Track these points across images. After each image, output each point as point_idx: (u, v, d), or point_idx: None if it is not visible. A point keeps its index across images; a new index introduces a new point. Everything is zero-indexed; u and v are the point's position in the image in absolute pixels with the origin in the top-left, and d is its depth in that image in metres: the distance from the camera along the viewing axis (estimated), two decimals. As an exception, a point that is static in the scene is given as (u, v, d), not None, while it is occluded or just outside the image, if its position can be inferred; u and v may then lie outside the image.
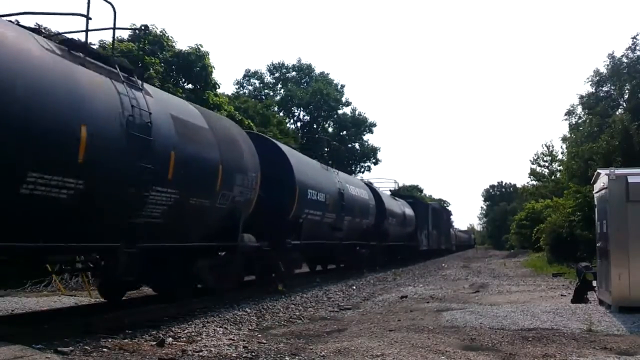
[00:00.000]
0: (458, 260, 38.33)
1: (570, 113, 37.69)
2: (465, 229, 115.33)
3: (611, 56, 33.17)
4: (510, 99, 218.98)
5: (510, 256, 44.54)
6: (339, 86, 54.20)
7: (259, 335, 7.44)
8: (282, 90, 53.25)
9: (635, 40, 32.32)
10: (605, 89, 34.41)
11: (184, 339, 6.99)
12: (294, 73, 55.10)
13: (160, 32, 24.91)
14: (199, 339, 7.04)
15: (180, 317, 8.59)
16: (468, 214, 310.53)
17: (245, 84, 53.42)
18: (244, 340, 6.95)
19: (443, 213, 47.57)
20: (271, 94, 53.07)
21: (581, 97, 35.44)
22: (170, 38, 25.29)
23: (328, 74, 54.70)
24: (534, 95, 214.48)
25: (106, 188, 7.16)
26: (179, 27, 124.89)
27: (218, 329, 7.78)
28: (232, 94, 42.78)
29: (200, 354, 6.11)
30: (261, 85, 54.14)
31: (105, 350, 6.15)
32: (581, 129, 33.85)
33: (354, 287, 14.97)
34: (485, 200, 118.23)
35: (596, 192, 10.55)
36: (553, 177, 43.29)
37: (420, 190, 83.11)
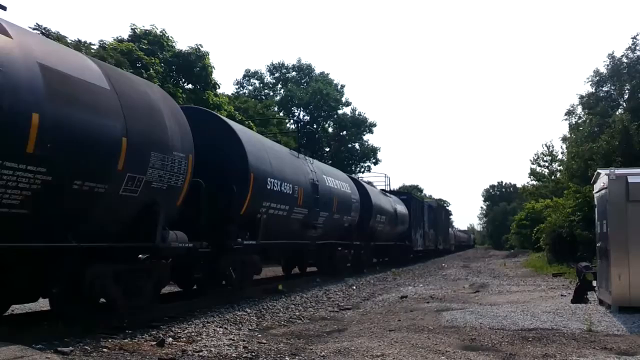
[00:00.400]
0: (458, 260, 38.32)
1: (570, 113, 37.75)
2: (465, 228, 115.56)
3: (611, 56, 33.25)
4: (510, 99, 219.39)
5: (510, 256, 44.51)
6: (339, 86, 54.21)
7: (259, 335, 7.44)
8: (282, 90, 53.27)
9: (635, 40, 32.41)
10: (605, 89, 34.45)
11: (184, 339, 6.99)
12: (294, 73, 55.11)
13: (160, 32, 24.95)
14: (199, 339, 7.04)
15: (180, 317, 8.59)
16: (468, 214, 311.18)
17: (245, 84, 53.49)
18: (244, 340, 6.95)
19: (441, 211, 46.01)
20: (271, 94, 53.08)
21: (581, 97, 35.50)
22: (170, 38, 25.35)
23: (328, 74, 54.74)
24: (534, 95, 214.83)
25: None
26: (179, 27, 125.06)
27: (218, 329, 7.78)
28: (232, 94, 42.83)
29: (200, 354, 6.12)
30: (261, 85, 54.18)
31: (105, 350, 6.15)
32: (581, 129, 33.85)
33: (354, 287, 14.97)
34: (485, 200, 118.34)
35: (596, 192, 10.54)
36: (553, 177, 43.24)
37: (420, 190, 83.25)
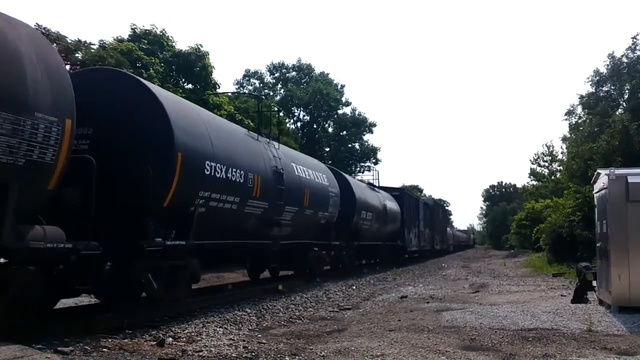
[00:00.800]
0: (458, 260, 38.32)
1: (570, 113, 37.76)
2: (465, 228, 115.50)
3: (611, 56, 33.25)
4: (510, 99, 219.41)
5: (510, 256, 44.50)
6: (339, 86, 54.19)
7: (259, 335, 7.44)
8: (282, 90, 53.25)
9: (635, 40, 32.42)
10: (605, 89, 34.45)
11: (184, 339, 6.99)
12: (294, 73, 55.07)
13: (160, 32, 24.94)
14: (199, 339, 7.04)
15: (180, 317, 8.59)
16: (468, 214, 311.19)
17: (245, 84, 53.45)
18: (244, 340, 6.95)
19: (438, 210, 44.22)
20: (271, 94, 53.06)
21: (581, 97, 35.50)
22: (170, 38, 25.32)
23: (328, 74, 54.70)
24: (534, 95, 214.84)
25: None
26: (179, 27, 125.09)
27: (218, 329, 7.78)
28: (232, 94, 42.77)
29: (200, 354, 6.12)
30: (261, 85, 54.14)
31: (105, 350, 6.15)
32: (581, 129, 33.87)
33: (354, 287, 14.98)
34: (485, 200, 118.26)
35: (596, 192, 10.54)
36: (553, 177, 43.26)
37: (420, 190, 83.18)
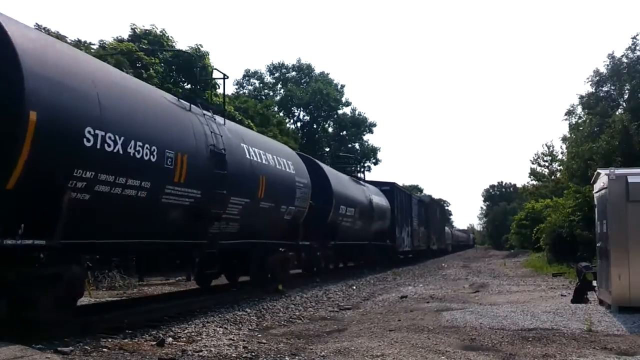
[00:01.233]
0: (458, 260, 38.32)
1: (570, 113, 37.73)
2: (464, 228, 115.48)
3: (611, 56, 33.22)
4: (511, 99, 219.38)
5: (510, 256, 44.52)
6: (339, 86, 54.23)
7: (259, 335, 7.44)
8: (282, 90, 53.26)
9: (635, 40, 32.38)
10: (605, 89, 34.42)
11: (184, 339, 6.99)
12: (294, 73, 55.10)
13: (160, 32, 24.95)
14: (199, 339, 7.04)
15: (180, 317, 8.59)
16: (468, 214, 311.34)
17: (245, 84, 53.47)
18: (244, 340, 6.95)
19: (434, 207, 41.70)
20: (271, 94, 53.06)
21: (581, 97, 35.48)
22: (170, 38, 25.34)
23: (328, 74, 54.76)
24: (534, 95, 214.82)
25: None
26: (179, 27, 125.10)
27: (218, 329, 7.78)
28: (232, 94, 42.78)
29: (200, 354, 6.12)
30: (261, 85, 54.15)
31: (105, 350, 6.15)
32: (581, 129, 33.84)
33: (354, 287, 14.97)
34: (485, 200, 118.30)
35: (596, 192, 10.54)
36: (553, 177, 43.25)
37: (421, 190, 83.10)
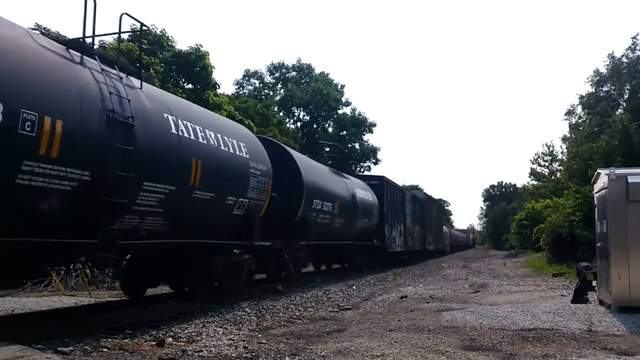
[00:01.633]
0: (458, 260, 38.33)
1: (570, 113, 37.73)
2: (464, 228, 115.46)
3: (611, 56, 33.21)
4: (511, 99, 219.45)
5: (510, 256, 44.53)
6: (339, 86, 54.30)
7: (259, 335, 7.43)
8: (282, 90, 53.29)
9: (635, 40, 32.37)
10: (605, 89, 34.42)
11: (184, 339, 6.99)
12: (294, 73, 55.16)
13: (160, 32, 24.94)
14: (199, 339, 7.04)
15: (180, 317, 8.59)
16: (468, 214, 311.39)
17: (245, 84, 53.51)
18: (244, 340, 6.95)
19: (431, 205, 39.35)
20: (271, 94, 53.10)
21: (581, 97, 35.48)
22: (170, 38, 25.33)
23: (328, 74, 54.86)
24: (534, 95, 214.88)
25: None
26: (179, 27, 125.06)
27: (218, 329, 7.77)
28: (232, 94, 42.81)
29: (200, 354, 6.11)
30: (261, 85, 54.20)
31: (105, 350, 6.15)
32: (581, 129, 33.84)
33: (354, 287, 14.96)
34: (485, 200, 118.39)
35: (596, 192, 10.54)
36: (553, 177, 43.25)
37: (420, 190, 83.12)
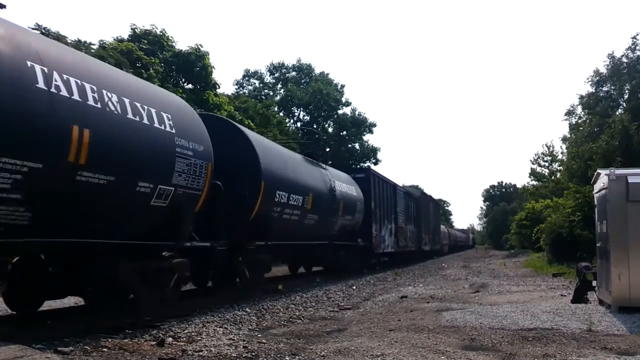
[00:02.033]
0: (458, 260, 38.32)
1: (570, 113, 37.76)
2: (464, 228, 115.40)
3: (611, 56, 33.24)
4: (511, 99, 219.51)
5: (510, 256, 44.52)
6: (339, 86, 54.27)
7: (259, 335, 7.43)
8: (282, 90, 53.27)
9: (635, 40, 32.40)
10: (605, 89, 34.45)
11: (184, 339, 6.99)
12: (294, 73, 55.15)
13: (160, 32, 24.96)
14: (199, 338, 7.04)
15: (181, 317, 8.59)
16: (468, 214, 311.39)
17: (245, 84, 53.50)
18: (244, 340, 6.95)
19: (427, 203, 37.18)
20: (271, 94, 53.09)
21: (581, 97, 35.51)
22: (170, 38, 25.37)
23: (328, 74, 54.85)
24: (534, 95, 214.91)
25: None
26: (179, 27, 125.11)
27: (218, 329, 7.77)
28: (232, 94, 42.81)
29: (200, 353, 6.11)
30: (261, 85, 54.20)
31: (105, 350, 6.15)
32: (581, 129, 33.87)
33: (354, 287, 14.96)
34: (485, 200, 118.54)
35: (596, 192, 10.54)
36: (553, 177, 43.28)
37: (420, 190, 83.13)
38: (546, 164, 46.02)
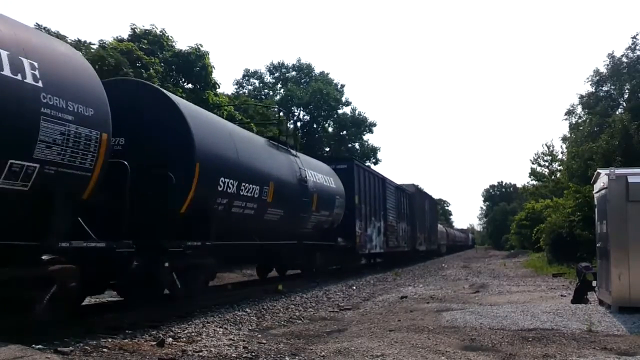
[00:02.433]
0: (458, 260, 38.32)
1: (570, 113, 37.82)
2: (464, 228, 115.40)
3: (611, 56, 33.31)
4: (511, 99, 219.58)
5: (510, 256, 44.49)
6: (339, 86, 54.20)
7: (259, 335, 7.44)
8: (282, 90, 53.25)
9: (635, 40, 32.48)
10: (605, 88, 34.51)
11: (184, 339, 6.99)
12: (294, 73, 55.11)
13: (160, 32, 24.94)
14: (199, 339, 7.04)
15: (181, 317, 8.59)
16: (468, 214, 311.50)
17: (245, 84, 53.47)
18: (244, 340, 6.95)
19: (422, 200, 34.88)
20: (271, 93, 53.07)
21: (581, 97, 35.56)
22: (170, 38, 25.32)
23: (328, 74, 54.75)
24: (534, 95, 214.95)
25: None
26: (179, 27, 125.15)
27: (218, 329, 7.78)
28: (232, 93, 42.80)
29: (200, 354, 6.11)
30: (261, 85, 54.17)
31: (105, 350, 6.15)
32: (581, 128, 33.91)
33: (354, 288, 14.97)
34: (485, 200, 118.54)
35: (596, 192, 10.54)
36: (553, 177, 43.29)
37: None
38: (546, 164, 46.09)
